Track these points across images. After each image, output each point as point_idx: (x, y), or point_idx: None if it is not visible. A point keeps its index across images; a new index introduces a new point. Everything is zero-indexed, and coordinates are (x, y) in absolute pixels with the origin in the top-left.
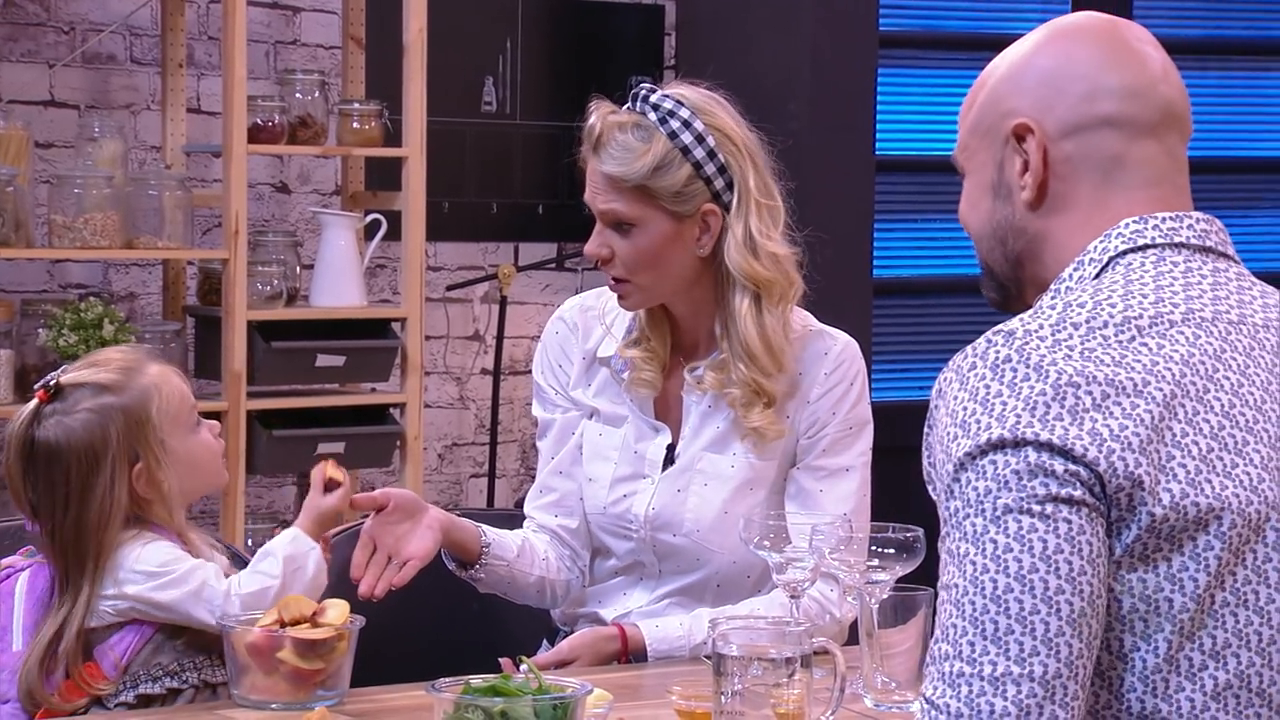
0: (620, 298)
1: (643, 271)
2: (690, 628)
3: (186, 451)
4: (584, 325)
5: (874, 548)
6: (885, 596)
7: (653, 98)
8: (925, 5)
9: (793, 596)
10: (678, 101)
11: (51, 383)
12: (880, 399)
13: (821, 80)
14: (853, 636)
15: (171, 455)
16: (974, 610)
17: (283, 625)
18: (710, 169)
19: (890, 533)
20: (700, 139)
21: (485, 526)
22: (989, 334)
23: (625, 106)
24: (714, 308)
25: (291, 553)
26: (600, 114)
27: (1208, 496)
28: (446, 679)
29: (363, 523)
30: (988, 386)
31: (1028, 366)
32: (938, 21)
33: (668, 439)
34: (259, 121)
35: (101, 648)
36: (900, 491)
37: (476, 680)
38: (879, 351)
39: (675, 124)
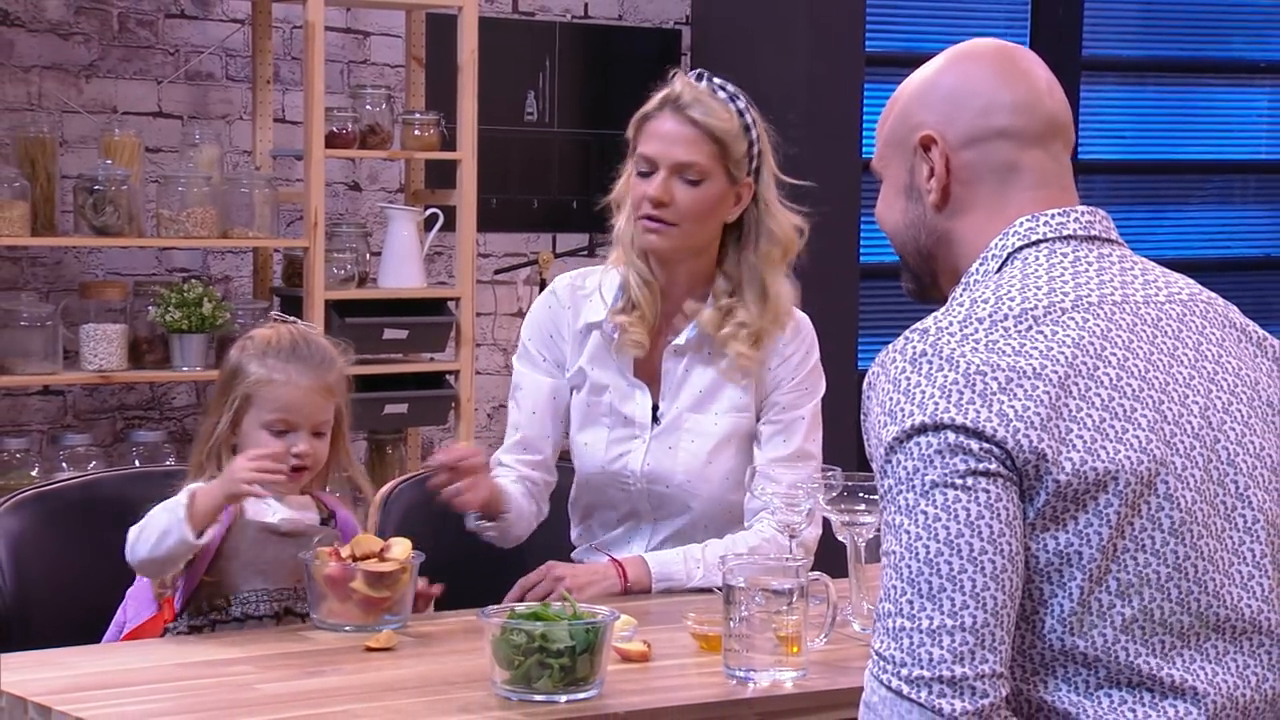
0: (658, 236)
1: (691, 221)
2: (686, 560)
3: (243, 431)
4: (574, 304)
5: (860, 494)
6: (871, 536)
7: (717, 79)
8: (905, 29)
9: (791, 536)
10: (737, 87)
11: (282, 320)
12: (865, 367)
13: (815, 94)
14: (842, 570)
15: (235, 424)
16: (910, 573)
17: (355, 559)
18: (756, 149)
19: (874, 481)
20: (755, 121)
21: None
22: (907, 332)
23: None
24: (708, 274)
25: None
26: (683, 80)
27: (1104, 461)
28: (494, 606)
29: (423, 474)
30: (908, 378)
31: (941, 358)
32: (916, 43)
33: (649, 399)
34: (334, 129)
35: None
36: None
37: (520, 607)
38: (865, 327)
39: (741, 103)
